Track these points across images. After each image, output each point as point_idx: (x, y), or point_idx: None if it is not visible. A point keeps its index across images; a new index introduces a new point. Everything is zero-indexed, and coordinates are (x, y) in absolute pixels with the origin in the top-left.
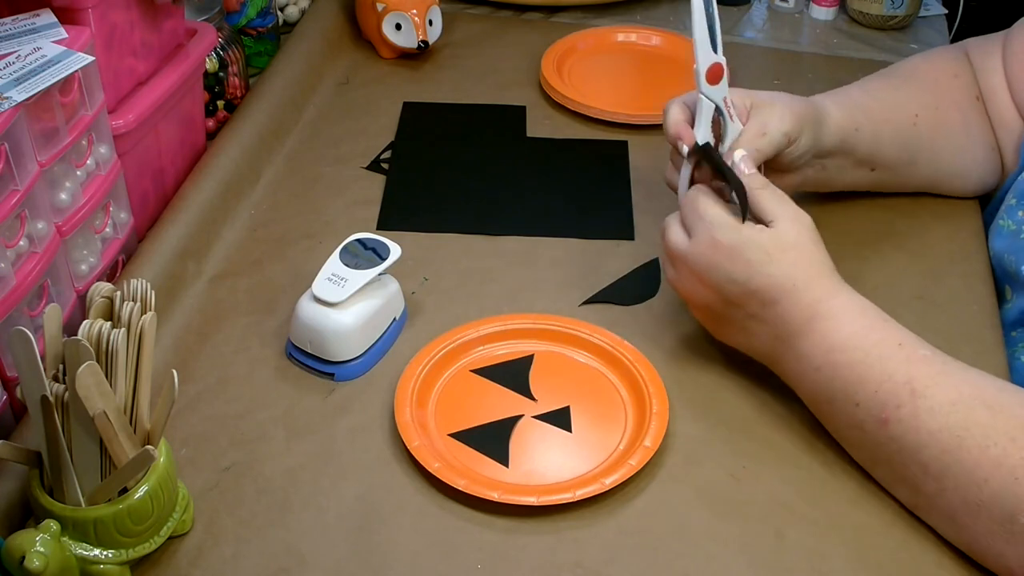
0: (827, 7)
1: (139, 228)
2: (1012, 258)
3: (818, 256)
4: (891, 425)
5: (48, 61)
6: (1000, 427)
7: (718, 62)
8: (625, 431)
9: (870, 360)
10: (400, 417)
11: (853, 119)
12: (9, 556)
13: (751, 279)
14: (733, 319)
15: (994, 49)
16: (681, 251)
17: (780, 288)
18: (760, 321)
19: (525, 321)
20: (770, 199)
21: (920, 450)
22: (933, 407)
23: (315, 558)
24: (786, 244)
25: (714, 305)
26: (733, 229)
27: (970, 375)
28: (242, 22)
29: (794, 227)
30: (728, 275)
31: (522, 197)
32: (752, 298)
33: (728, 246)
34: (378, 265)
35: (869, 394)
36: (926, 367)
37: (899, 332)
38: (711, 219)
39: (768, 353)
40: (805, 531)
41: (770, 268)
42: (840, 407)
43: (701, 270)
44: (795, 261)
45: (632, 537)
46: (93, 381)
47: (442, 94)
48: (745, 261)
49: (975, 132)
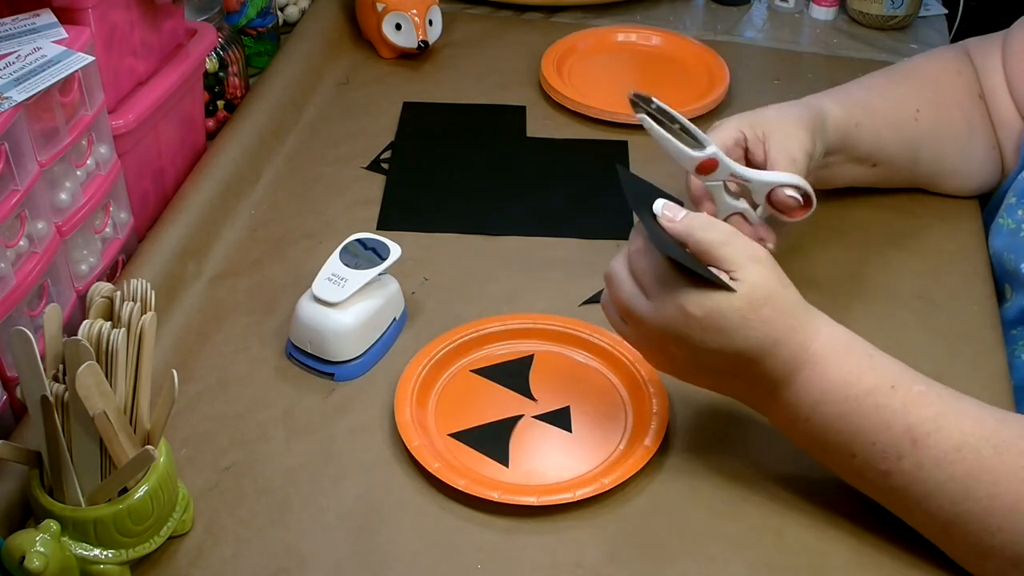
0: (827, 7)
1: (139, 228)
2: (1011, 256)
3: (789, 299)
4: (893, 476)
5: (48, 61)
6: (1008, 469)
7: (705, 159)
8: (625, 431)
9: (863, 410)
10: (400, 417)
11: (853, 115)
12: (9, 556)
13: (728, 346)
14: (705, 377)
15: (994, 48)
16: (640, 313)
17: (759, 350)
18: (739, 379)
19: (525, 321)
20: (722, 246)
21: (926, 500)
22: (938, 457)
23: (315, 558)
24: (758, 301)
25: (681, 364)
26: (701, 296)
27: (969, 410)
28: (242, 22)
29: (758, 271)
30: (702, 345)
31: (522, 197)
32: (729, 361)
33: (698, 316)
34: (378, 265)
35: (867, 445)
36: (924, 409)
37: (889, 369)
38: (675, 283)
39: (747, 401)
40: (805, 531)
41: (747, 331)
42: (836, 457)
43: (670, 338)
44: (770, 317)
45: (632, 537)
46: (93, 381)
47: (442, 94)
48: (718, 330)
49: (977, 131)
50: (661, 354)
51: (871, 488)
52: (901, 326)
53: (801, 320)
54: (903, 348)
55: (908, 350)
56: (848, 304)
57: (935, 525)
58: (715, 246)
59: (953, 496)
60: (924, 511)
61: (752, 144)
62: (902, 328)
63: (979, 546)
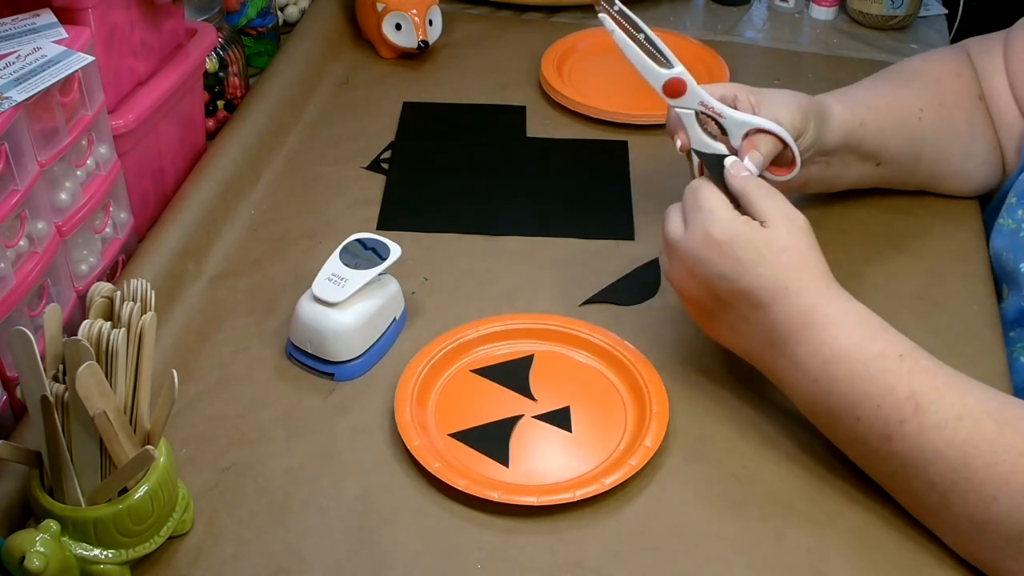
0: (827, 7)
1: (139, 228)
2: (1011, 256)
3: (812, 258)
4: (895, 441)
5: (48, 61)
6: (1008, 442)
7: (671, 78)
8: (625, 431)
9: (871, 373)
10: (400, 417)
11: (856, 114)
12: (9, 556)
13: (740, 278)
14: (723, 317)
15: (995, 49)
16: (675, 240)
17: (771, 290)
18: (751, 323)
19: (525, 321)
20: (764, 198)
21: (926, 467)
22: (939, 423)
23: (315, 558)
24: (779, 245)
25: (703, 301)
26: (727, 223)
27: (973, 386)
28: (242, 22)
29: (789, 227)
30: (717, 271)
31: (522, 197)
32: (741, 298)
33: (719, 241)
34: (378, 265)
35: (871, 409)
36: (929, 379)
37: (900, 342)
38: (707, 210)
39: (760, 356)
40: (805, 531)
41: (760, 268)
42: (840, 420)
43: (691, 263)
44: (787, 263)
45: (632, 537)
46: (93, 381)
47: (442, 94)
48: (735, 258)
49: (978, 131)
50: (687, 285)
51: (873, 455)
52: (901, 326)
53: (818, 280)
54: None
55: None
56: None
57: (934, 495)
58: (759, 196)
59: (953, 463)
60: (924, 479)
61: (741, 105)
62: (902, 328)
63: (975, 519)
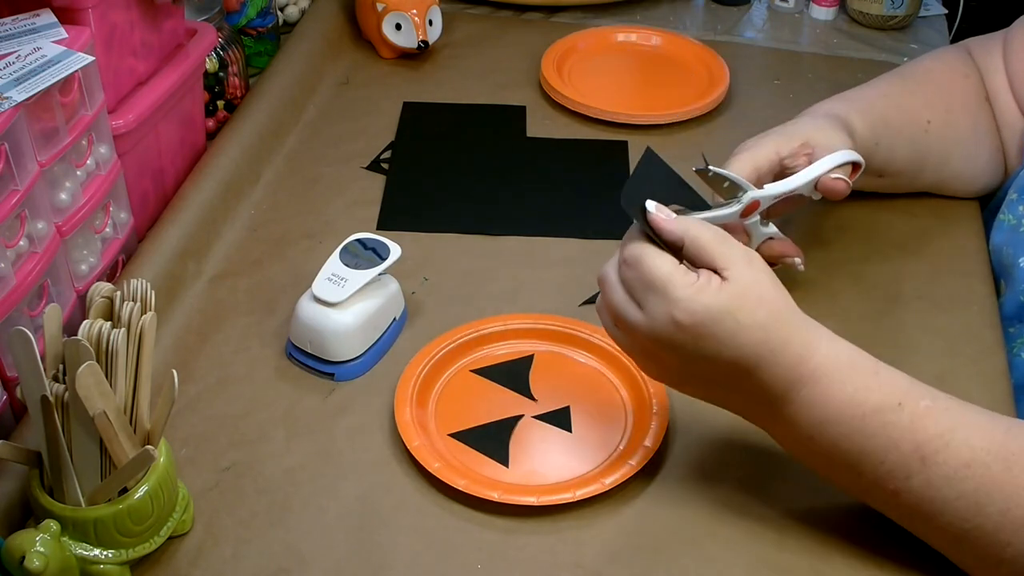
0: (827, 7)
1: (139, 228)
2: (1010, 251)
3: (781, 301)
4: (903, 495)
5: (48, 61)
6: (1019, 483)
7: (745, 207)
8: (625, 431)
9: (870, 429)
10: (400, 417)
11: (875, 133)
12: (9, 556)
13: (720, 354)
14: (700, 388)
15: (995, 48)
16: (632, 323)
17: (755, 358)
18: (735, 391)
19: (525, 321)
20: (714, 244)
21: (936, 517)
22: (948, 474)
23: (315, 558)
24: (751, 301)
25: (676, 374)
26: (690, 301)
27: (977, 421)
28: (242, 22)
29: (751, 272)
30: (695, 351)
31: (522, 197)
32: (723, 372)
33: (689, 324)
34: (378, 265)
35: (874, 465)
36: (932, 425)
37: (895, 385)
38: (661, 288)
39: (748, 416)
40: (805, 531)
41: (740, 337)
42: (842, 476)
43: (662, 347)
44: (765, 320)
45: (632, 537)
46: (93, 381)
47: (442, 94)
48: (712, 337)
49: (982, 135)
50: (655, 363)
51: (880, 505)
52: (901, 326)
53: (797, 330)
54: (903, 348)
55: (908, 350)
56: (848, 304)
57: (945, 539)
58: (711, 243)
59: (964, 512)
60: (935, 527)
61: (789, 160)
62: (902, 328)
63: (989, 559)
